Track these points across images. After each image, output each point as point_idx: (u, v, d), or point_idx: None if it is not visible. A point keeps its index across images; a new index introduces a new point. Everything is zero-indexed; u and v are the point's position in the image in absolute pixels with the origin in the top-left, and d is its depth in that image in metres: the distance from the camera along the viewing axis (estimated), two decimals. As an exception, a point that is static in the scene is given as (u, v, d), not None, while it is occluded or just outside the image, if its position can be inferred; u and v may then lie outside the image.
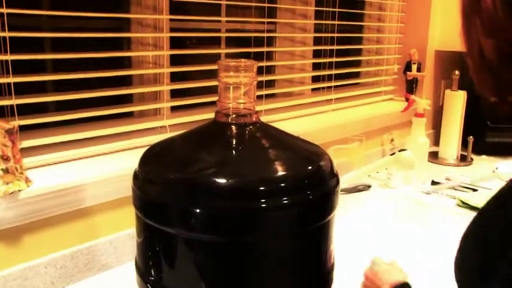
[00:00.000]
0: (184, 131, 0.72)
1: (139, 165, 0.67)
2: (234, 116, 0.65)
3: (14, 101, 0.95)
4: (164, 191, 0.63)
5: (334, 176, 0.66)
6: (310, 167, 0.65)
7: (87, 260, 1.03)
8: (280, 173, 0.62)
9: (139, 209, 0.66)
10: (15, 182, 0.89)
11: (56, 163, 1.05)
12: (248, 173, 0.62)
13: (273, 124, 0.74)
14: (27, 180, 0.92)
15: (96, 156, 1.11)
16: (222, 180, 0.61)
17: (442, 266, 0.80)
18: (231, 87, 0.65)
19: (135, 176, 0.67)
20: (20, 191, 0.89)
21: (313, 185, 0.62)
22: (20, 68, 0.98)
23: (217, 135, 0.65)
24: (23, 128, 0.98)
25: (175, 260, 0.64)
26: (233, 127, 0.65)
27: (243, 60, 0.65)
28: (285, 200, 0.61)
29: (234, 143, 0.65)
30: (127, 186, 1.08)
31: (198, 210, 0.61)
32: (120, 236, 1.08)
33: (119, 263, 1.08)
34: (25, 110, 0.99)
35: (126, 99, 1.24)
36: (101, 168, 1.06)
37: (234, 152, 0.64)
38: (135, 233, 0.71)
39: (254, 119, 0.66)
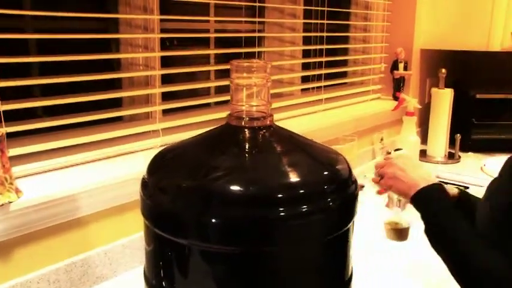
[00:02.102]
0: (195, 135, 0.68)
1: (148, 172, 0.63)
2: (247, 119, 0.62)
3: (0, 107, 0.90)
4: (176, 200, 0.59)
5: (353, 181, 0.64)
6: (329, 173, 0.62)
7: (82, 273, 0.98)
8: (299, 179, 0.59)
9: (148, 219, 0.62)
10: (5, 193, 0.84)
11: (46, 171, 0.99)
12: (265, 179, 0.58)
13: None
14: (17, 191, 0.86)
15: (87, 163, 1.06)
16: (238, 188, 0.57)
17: (439, 261, 0.79)
18: (244, 88, 0.61)
19: (144, 183, 0.62)
20: (10, 202, 0.84)
21: (333, 191, 0.60)
22: (4, 72, 0.93)
23: (231, 140, 0.62)
24: (10, 136, 0.93)
25: (188, 272, 0.61)
26: (246, 131, 0.62)
27: (254, 60, 0.61)
28: (304, 207, 0.57)
29: (248, 148, 0.61)
30: (121, 194, 1.04)
31: (212, 220, 0.57)
32: (115, 246, 1.04)
33: (115, 274, 1.04)
34: (11, 117, 0.94)
35: (115, 103, 1.19)
36: (93, 175, 1.02)
37: (249, 157, 0.60)
38: (144, 241, 0.67)
39: (268, 122, 0.63)
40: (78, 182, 0.97)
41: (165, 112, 1.26)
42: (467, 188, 1.64)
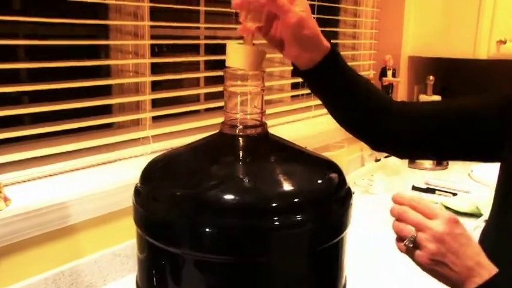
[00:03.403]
0: (188, 143, 0.68)
1: (141, 180, 0.63)
2: (241, 127, 0.61)
3: (-11, 114, 0.89)
4: (169, 208, 0.58)
5: (347, 190, 0.64)
6: (323, 181, 0.62)
7: (71, 282, 0.97)
8: (293, 188, 0.59)
9: (141, 227, 0.61)
10: (-7, 201, 0.82)
11: (35, 179, 0.98)
12: (259, 188, 0.58)
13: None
14: (5, 199, 0.85)
15: (76, 171, 1.05)
16: (231, 197, 0.57)
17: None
18: (238, 96, 0.61)
19: (137, 192, 0.62)
20: (-2, 211, 0.83)
21: (328, 199, 0.60)
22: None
23: (225, 148, 0.62)
24: (-2, 143, 0.92)
25: (181, 281, 0.60)
26: (241, 139, 0.62)
27: (248, 68, 0.61)
28: (299, 216, 0.57)
29: (242, 157, 0.61)
30: (111, 202, 1.03)
31: (206, 229, 0.57)
32: (105, 254, 1.02)
33: (105, 283, 1.03)
34: (-1, 123, 0.92)
35: (105, 110, 1.18)
36: (83, 183, 1.01)
37: (243, 166, 0.60)
38: (136, 249, 0.66)
39: (262, 131, 0.62)
40: (67, 190, 0.96)
41: (155, 119, 1.25)
42: (456, 194, 1.66)
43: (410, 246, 0.63)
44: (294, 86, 1.77)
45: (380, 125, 0.81)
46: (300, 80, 1.75)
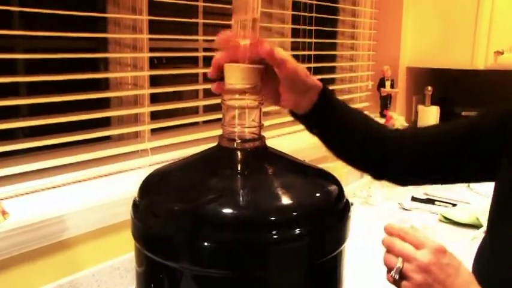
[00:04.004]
0: (186, 156, 0.68)
1: (140, 194, 0.63)
2: (239, 141, 0.61)
3: (-13, 128, 0.89)
4: (167, 222, 0.58)
5: (346, 202, 0.64)
6: (322, 194, 0.62)
7: (69, 296, 0.96)
8: (291, 201, 0.59)
9: (139, 241, 0.61)
10: (-9, 215, 0.82)
11: (32, 192, 0.98)
12: (257, 202, 0.58)
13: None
14: (3, 213, 0.85)
15: (74, 184, 1.05)
16: (230, 211, 0.57)
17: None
18: (236, 110, 0.61)
19: (135, 206, 0.62)
20: (-4, 225, 0.83)
21: (326, 213, 0.59)
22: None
23: (223, 162, 0.62)
24: (-4, 156, 0.92)
25: (179, 297, 0.60)
26: (239, 153, 0.61)
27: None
28: (298, 230, 0.57)
29: (240, 171, 0.61)
30: (109, 215, 1.03)
31: (204, 244, 0.57)
32: (103, 267, 1.02)
33: (103, 297, 1.02)
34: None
35: (104, 123, 1.18)
36: (82, 196, 1.00)
37: (241, 180, 0.60)
38: (134, 263, 0.66)
39: (260, 144, 0.62)
40: (66, 203, 0.96)
41: (154, 131, 1.25)
42: (455, 205, 1.65)
43: (396, 278, 0.62)
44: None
45: (379, 157, 0.81)
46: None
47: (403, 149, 0.82)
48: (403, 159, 0.82)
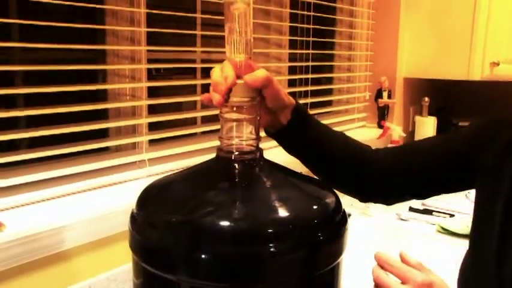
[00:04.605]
0: (184, 168, 0.68)
1: (137, 206, 0.63)
2: (237, 153, 0.62)
3: (-15, 139, 0.89)
4: (165, 235, 0.58)
5: (343, 215, 0.64)
6: (319, 207, 0.62)
7: (65, 308, 0.96)
8: (289, 214, 0.59)
9: (137, 253, 0.61)
10: (-13, 227, 0.82)
11: (29, 204, 0.98)
12: (255, 215, 0.58)
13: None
14: (0, 225, 0.85)
15: (72, 195, 1.05)
16: (227, 224, 0.57)
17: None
18: (234, 123, 0.61)
19: (133, 217, 0.62)
20: (-7, 237, 0.82)
21: (324, 225, 0.59)
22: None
23: (221, 174, 0.62)
24: (-6, 168, 0.92)
25: (176, 310, 0.59)
26: (236, 165, 0.62)
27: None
28: (295, 243, 0.57)
29: (238, 183, 0.61)
30: (107, 226, 1.03)
31: (202, 256, 0.56)
32: (100, 279, 1.01)
33: (99, 310, 1.01)
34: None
35: (102, 134, 1.18)
36: (79, 207, 1.00)
37: (239, 192, 0.60)
38: (131, 274, 0.65)
39: (258, 156, 0.63)
40: (63, 215, 0.96)
41: (152, 142, 1.25)
42: (453, 215, 1.65)
43: None
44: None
45: (363, 179, 0.81)
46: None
47: (385, 170, 0.82)
48: (386, 179, 0.82)
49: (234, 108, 0.60)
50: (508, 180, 0.71)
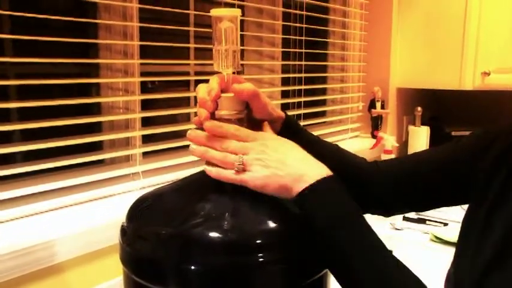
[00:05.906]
0: (175, 181, 0.69)
1: (128, 219, 0.63)
2: (226, 165, 0.62)
3: (-22, 153, 0.89)
4: (155, 247, 0.58)
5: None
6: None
7: (58, 322, 0.95)
8: (278, 224, 0.59)
9: (127, 266, 0.61)
10: (-20, 241, 0.82)
11: (23, 217, 0.98)
12: (244, 226, 0.59)
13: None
14: (-7, 239, 0.85)
15: (65, 208, 1.05)
16: (217, 235, 0.57)
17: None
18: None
19: (123, 231, 0.62)
20: (-15, 251, 0.83)
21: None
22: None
23: (211, 186, 0.62)
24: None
25: (167, 322, 0.60)
26: (226, 177, 0.62)
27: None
28: (284, 252, 0.58)
29: (228, 194, 0.62)
30: (100, 239, 1.03)
31: (191, 268, 0.57)
32: (93, 292, 1.01)
33: (93, 323, 1.01)
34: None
35: (96, 147, 1.19)
36: (71, 221, 1.01)
37: (228, 203, 0.61)
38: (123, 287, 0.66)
39: (247, 168, 0.63)
40: (56, 228, 0.96)
41: (146, 154, 1.26)
42: (447, 224, 1.66)
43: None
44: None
45: (359, 192, 0.78)
46: (289, 113, 1.77)
47: (384, 185, 0.81)
48: (385, 195, 0.82)
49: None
50: (496, 190, 0.71)
